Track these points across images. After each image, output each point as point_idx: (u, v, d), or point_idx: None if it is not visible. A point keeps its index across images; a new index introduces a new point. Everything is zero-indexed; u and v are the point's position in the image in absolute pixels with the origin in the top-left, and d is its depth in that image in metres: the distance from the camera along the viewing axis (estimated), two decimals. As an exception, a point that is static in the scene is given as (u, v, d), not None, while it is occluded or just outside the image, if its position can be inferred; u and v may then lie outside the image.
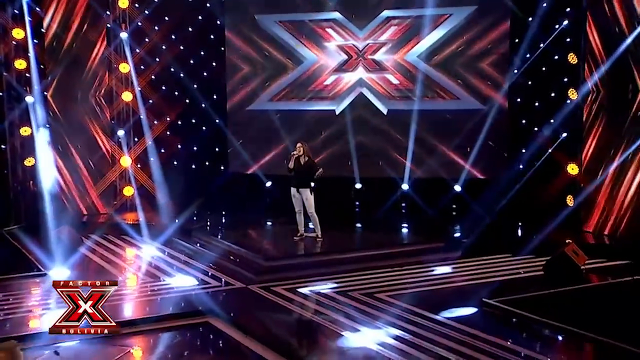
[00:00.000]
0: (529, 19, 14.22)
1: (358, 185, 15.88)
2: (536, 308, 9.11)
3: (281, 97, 16.16)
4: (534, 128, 14.48)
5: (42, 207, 13.99)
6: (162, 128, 16.38)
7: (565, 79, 13.96)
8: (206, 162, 16.70)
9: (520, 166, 14.61)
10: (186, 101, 16.36)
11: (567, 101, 13.79)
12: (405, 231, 14.59)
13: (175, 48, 16.09)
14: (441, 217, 14.68)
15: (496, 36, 14.88)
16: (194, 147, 16.49)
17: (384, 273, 11.33)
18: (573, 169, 13.84)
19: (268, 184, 16.25)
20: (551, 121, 14.05)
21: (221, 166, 16.69)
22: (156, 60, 16.12)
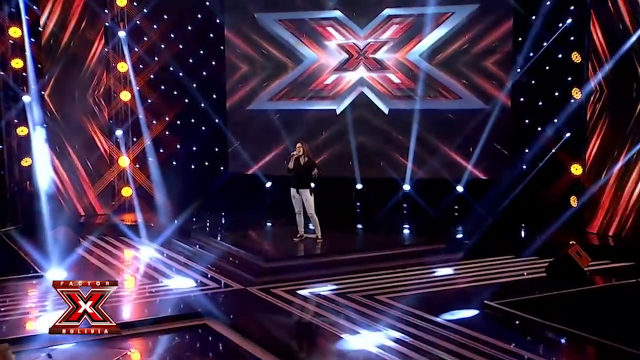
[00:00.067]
0: (532, 18, 14.10)
1: (359, 185, 15.80)
2: (539, 310, 9.08)
3: (281, 97, 16.10)
4: (538, 128, 14.39)
5: (39, 208, 13.94)
6: (161, 128, 16.33)
7: (569, 78, 13.88)
8: (205, 163, 16.65)
9: (523, 166, 14.51)
10: (185, 101, 16.32)
11: (571, 100, 13.72)
12: (406, 232, 14.54)
13: (174, 47, 16.03)
14: (443, 218, 14.61)
15: (499, 35, 14.77)
16: (193, 147, 16.45)
17: (385, 275, 11.29)
18: (577, 169, 13.76)
19: (268, 185, 16.19)
20: (555, 121, 13.96)
21: (221, 166, 16.64)
22: (155, 59, 16.07)
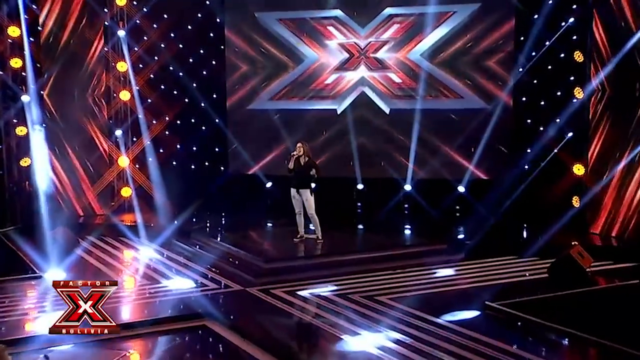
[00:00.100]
0: (534, 17, 14.09)
1: (360, 185, 15.76)
2: (540, 311, 9.01)
3: (282, 96, 16.06)
4: (539, 127, 14.35)
5: (38, 208, 13.90)
6: (161, 128, 16.30)
7: (571, 78, 13.86)
8: (206, 163, 16.63)
9: (525, 166, 14.47)
10: (185, 100, 16.28)
11: (573, 100, 13.67)
12: (407, 233, 14.48)
13: (174, 46, 16.00)
14: (444, 219, 14.60)
15: (501, 34, 14.74)
16: (193, 147, 16.42)
17: (385, 275, 11.24)
18: (579, 169, 13.73)
19: (268, 185, 16.14)
20: (557, 120, 13.93)
21: (221, 166, 16.61)
22: (155, 58, 16.03)
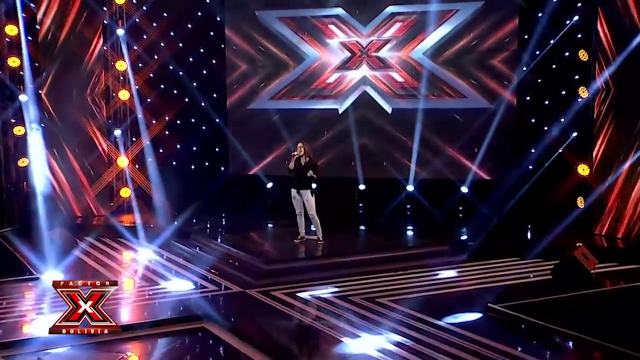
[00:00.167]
0: (539, 15, 14.06)
1: (362, 186, 15.73)
2: (544, 313, 8.96)
3: (282, 96, 16.03)
4: (544, 127, 14.34)
5: (36, 209, 13.81)
6: (160, 127, 16.24)
7: (575, 77, 13.83)
8: (206, 163, 16.62)
9: (529, 166, 14.48)
10: (185, 100, 16.25)
11: (578, 99, 13.63)
12: (409, 233, 14.47)
13: (173, 45, 15.95)
14: (447, 219, 14.60)
15: (504, 32, 14.73)
16: (193, 147, 16.41)
17: (387, 277, 11.17)
18: (583, 170, 13.68)
19: (269, 185, 16.11)
20: (561, 120, 13.90)
21: (221, 167, 16.59)
22: (154, 57, 15.99)
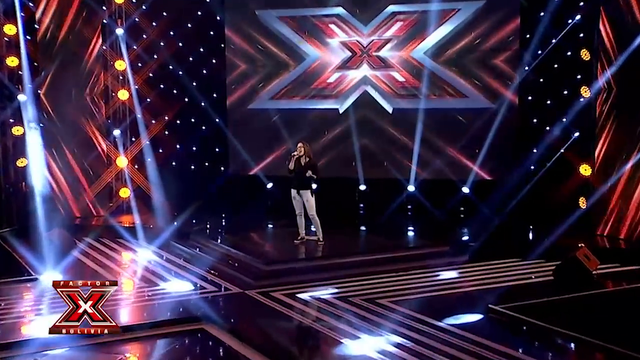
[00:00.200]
0: (541, 14, 14.03)
1: (362, 186, 15.68)
2: (546, 315, 8.93)
3: (283, 96, 15.98)
4: (545, 127, 14.30)
5: (35, 209, 13.76)
6: (160, 127, 16.19)
7: (578, 76, 13.81)
8: (205, 163, 16.57)
9: (530, 166, 14.44)
10: (185, 100, 16.20)
11: (580, 99, 13.61)
12: (410, 234, 14.45)
13: (173, 45, 15.91)
14: (448, 220, 14.57)
15: (506, 32, 14.68)
16: (193, 147, 16.36)
17: (387, 278, 11.14)
18: (586, 170, 13.67)
19: (269, 186, 16.07)
20: (563, 120, 13.86)
21: (221, 167, 16.54)
22: (154, 57, 15.95)
